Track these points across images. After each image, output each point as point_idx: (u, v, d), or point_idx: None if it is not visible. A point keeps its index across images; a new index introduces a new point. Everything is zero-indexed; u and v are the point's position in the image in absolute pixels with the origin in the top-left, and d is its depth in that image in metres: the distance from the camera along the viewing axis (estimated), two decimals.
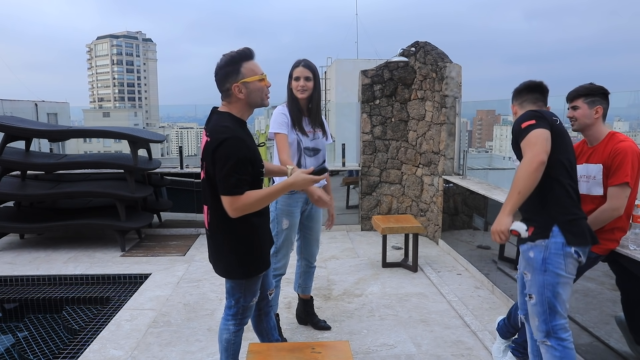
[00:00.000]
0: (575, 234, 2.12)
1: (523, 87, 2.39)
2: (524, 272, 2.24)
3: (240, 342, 2.36)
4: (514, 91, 2.43)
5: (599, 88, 2.50)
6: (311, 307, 3.48)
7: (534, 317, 2.18)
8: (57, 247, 5.47)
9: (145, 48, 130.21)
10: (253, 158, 2.06)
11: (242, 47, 2.07)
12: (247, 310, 2.30)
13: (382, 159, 6.24)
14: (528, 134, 2.09)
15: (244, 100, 2.07)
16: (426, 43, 5.81)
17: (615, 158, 2.41)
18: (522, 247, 2.22)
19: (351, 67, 17.01)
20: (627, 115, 5.76)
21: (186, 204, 6.30)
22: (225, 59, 2.04)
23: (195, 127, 46.43)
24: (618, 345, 2.65)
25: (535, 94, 2.37)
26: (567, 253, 2.08)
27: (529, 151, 2.04)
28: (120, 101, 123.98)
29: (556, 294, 2.09)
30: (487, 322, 3.49)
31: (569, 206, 2.15)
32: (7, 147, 5.30)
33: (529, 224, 2.14)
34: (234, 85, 2.03)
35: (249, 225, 2.13)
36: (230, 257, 2.17)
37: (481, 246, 4.53)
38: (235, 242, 2.15)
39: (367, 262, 4.97)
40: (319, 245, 3.36)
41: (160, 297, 4.04)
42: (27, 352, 3.48)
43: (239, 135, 2.01)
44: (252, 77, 2.04)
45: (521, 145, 2.12)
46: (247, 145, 2.02)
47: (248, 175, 2.02)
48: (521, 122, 2.14)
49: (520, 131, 2.13)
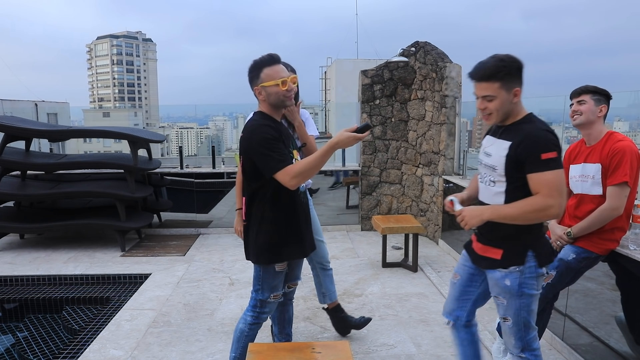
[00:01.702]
0: (546, 255, 2.04)
1: (518, 67, 1.93)
2: (496, 296, 2.08)
3: (254, 336, 2.44)
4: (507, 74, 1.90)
5: (603, 89, 2.53)
6: (342, 311, 3.30)
7: (511, 336, 2.10)
8: (57, 247, 5.47)
9: (145, 48, 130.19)
10: (282, 139, 2.21)
11: (266, 54, 2.25)
12: (265, 306, 2.41)
13: (382, 159, 6.24)
14: (550, 172, 1.83)
15: (266, 102, 2.27)
16: (426, 43, 5.81)
17: (613, 157, 2.41)
18: (494, 274, 2.04)
19: (351, 67, 16.98)
20: (627, 115, 5.76)
21: (186, 204, 6.30)
22: (250, 65, 2.25)
23: (195, 127, 46.40)
24: (618, 346, 2.65)
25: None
26: (539, 274, 2.01)
27: (550, 198, 1.82)
28: (120, 101, 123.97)
29: (530, 311, 2.04)
30: (487, 322, 3.49)
31: (539, 227, 2.04)
32: (7, 147, 5.30)
33: (499, 247, 2.02)
34: (255, 88, 2.26)
35: (271, 219, 2.29)
36: (255, 244, 2.35)
37: None
38: (258, 231, 2.32)
39: (367, 262, 4.97)
40: (325, 245, 3.24)
41: (160, 297, 4.04)
42: (27, 352, 3.48)
43: (264, 123, 2.22)
44: (269, 82, 2.21)
45: (534, 176, 1.86)
46: (272, 128, 2.20)
47: (283, 153, 2.16)
48: (542, 149, 1.84)
49: (539, 162, 1.84)
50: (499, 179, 1.98)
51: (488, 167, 2.04)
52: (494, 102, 1.92)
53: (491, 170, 2.01)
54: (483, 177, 2.10)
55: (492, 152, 2.02)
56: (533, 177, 1.87)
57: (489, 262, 2.07)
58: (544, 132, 1.89)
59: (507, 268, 2.00)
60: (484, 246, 2.11)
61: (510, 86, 1.91)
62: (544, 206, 1.84)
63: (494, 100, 1.92)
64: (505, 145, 1.95)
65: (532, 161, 1.85)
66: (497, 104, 1.92)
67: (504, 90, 1.90)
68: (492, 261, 2.06)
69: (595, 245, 2.50)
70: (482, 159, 2.11)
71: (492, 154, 2.01)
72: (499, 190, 1.99)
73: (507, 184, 1.96)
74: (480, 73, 1.91)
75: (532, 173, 1.87)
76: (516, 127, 1.96)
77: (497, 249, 2.03)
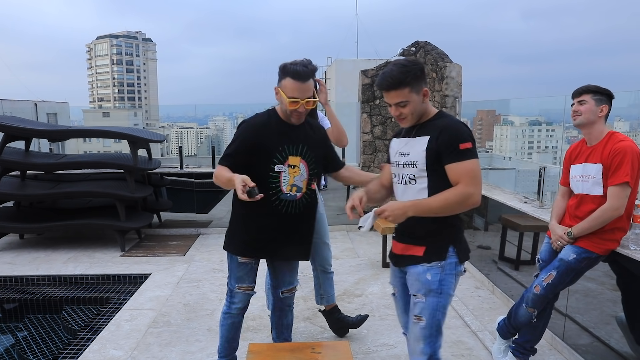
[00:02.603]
0: (464, 251, 2.03)
1: (421, 69, 1.99)
2: (415, 294, 2.02)
3: (228, 328, 2.53)
4: (411, 77, 1.95)
5: (605, 89, 2.51)
6: (339, 312, 3.29)
7: (419, 340, 1.99)
8: (57, 247, 5.46)
9: (145, 48, 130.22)
10: (251, 146, 2.27)
11: (306, 63, 2.26)
12: (234, 295, 2.49)
13: (383, 158, 6.24)
14: (468, 161, 1.89)
15: (280, 103, 2.32)
16: (426, 43, 5.81)
17: (614, 158, 2.41)
18: (416, 269, 2.01)
19: (351, 67, 16.98)
20: (627, 115, 5.76)
21: (186, 204, 6.29)
22: (284, 64, 2.27)
23: (195, 127, 46.40)
24: (619, 346, 2.65)
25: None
26: (458, 272, 2.00)
27: (471, 186, 1.87)
28: (120, 101, 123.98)
29: (444, 315, 2.01)
30: (487, 322, 3.49)
31: (458, 222, 2.05)
32: (6, 147, 5.29)
33: (421, 244, 2.01)
34: (275, 87, 2.30)
35: (237, 213, 2.45)
36: (227, 232, 2.51)
37: (481, 246, 4.53)
38: (230, 218, 2.50)
39: (367, 262, 4.97)
40: (330, 248, 3.20)
41: (160, 297, 4.04)
42: (27, 353, 3.47)
43: (253, 122, 2.32)
44: (283, 94, 2.24)
45: (453, 166, 1.90)
46: (250, 132, 2.29)
47: (236, 154, 2.26)
48: (460, 140, 1.89)
49: (457, 152, 1.89)
50: (420, 175, 1.99)
51: (407, 165, 2.02)
52: (407, 106, 1.97)
53: (411, 167, 2.01)
54: (401, 178, 2.06)
55: (409, 151, 2.03)
56: (452, 167, 1.91)
57: (411, 259, 2.04)
58: (459, 124, 1.99)
59: (429, 263, 1.99)
60: (405, 245, 2.08)
61: (418, 88, 1.97)
62: (465, 195, 1.88)
63: (407, 105, 1.97)
64: (423, 140, 1.97)
65: (451, 151, 1.91)
66: (411, 107, 1.97)
67: (414, 93, 1.96)
68: (414, 258, 2.03)
69: (595, 245, 2.50)
70: (397, 160, 2.08)
71: (410, 152, 2.01)
72: (421, 186, 1.99)
73: (429, 179, 1.97)
74: (388, 82, 1.95)
75: (451, 163, 1.91)
76: (431, 124, 2.01)
77: (419, 246, 2.02)
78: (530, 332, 2.77)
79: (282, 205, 2.33)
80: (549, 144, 15.63)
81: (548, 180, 3.81)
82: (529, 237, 3.74)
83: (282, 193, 2.31)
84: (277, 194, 2.31)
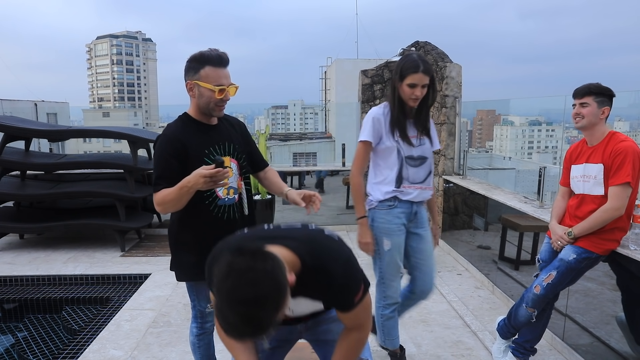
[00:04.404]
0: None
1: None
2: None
3: (207, 346, 2.31)
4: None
5: (607, 89, 2.48)
6: None
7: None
8: (56, 247, 5.46)
9: (145, 48, 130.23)
10: (180, 155, 2.00)
11: (219, 51, 1.99)
12: (207, 315, 2.25)
13: None
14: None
15: (195, 100, 2.03)
16: (426, 43, 5.81)
17: (615, 158, 2.40)
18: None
19: (351, 67, 17.00)
20: (627, 115, 5.76)
21: None
22: (194, 55, 1.99)
23: None
24: (619, 346, 2.65)
25: None
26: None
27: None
28: (120, 101, 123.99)
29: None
30: (487, 322, 3.49)
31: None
32: (6, 147, 5.29)
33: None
34: (188, 82, 2.01)
35: (175, 239, 2.24)
36: (172, 257, 2.26)
37: (481, 246, 4.53)
38: (171, 250, 2.26)
39: (367, 263, 4.95)
40: (433, 276, 2.73)
41: (160, 297, 4.03)
42: (27, 353, 3.47)
43: (168, 132, 2.04)
44: (206, 84, 1.96)
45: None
46: (171, 143, 2.00)
47: (170, 172, 1.98)
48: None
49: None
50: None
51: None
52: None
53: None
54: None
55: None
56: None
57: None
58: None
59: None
60: None
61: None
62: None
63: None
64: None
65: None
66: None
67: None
68: None
69: (595, 245, 2.49)
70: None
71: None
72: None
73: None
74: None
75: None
76: None
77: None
78: (530, 332, 2.77)
79: (222, 212, 2.10)
80: (549, 144, 15.62)
81: (548, 180, 3.80)
82: (529, 237, 3.74)
83: (219, 199, 2.08)
84: (213, 201, 2.07)
